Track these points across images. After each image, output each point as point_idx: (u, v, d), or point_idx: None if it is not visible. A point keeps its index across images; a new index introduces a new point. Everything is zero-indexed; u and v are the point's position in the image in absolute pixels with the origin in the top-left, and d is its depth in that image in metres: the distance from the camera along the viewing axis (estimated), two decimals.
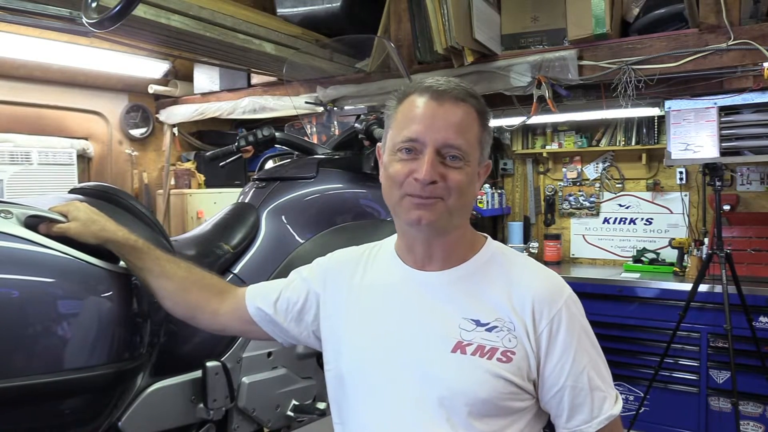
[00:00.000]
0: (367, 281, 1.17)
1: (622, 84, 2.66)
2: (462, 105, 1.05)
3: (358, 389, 1.11)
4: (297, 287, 1.26)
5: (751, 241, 3.61)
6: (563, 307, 1.04)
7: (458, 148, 1.04)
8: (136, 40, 3.16)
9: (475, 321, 1.04)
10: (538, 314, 1.03)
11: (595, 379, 1.04)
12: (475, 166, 1.07)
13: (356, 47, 3.33)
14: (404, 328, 1.08)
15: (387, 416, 1.06)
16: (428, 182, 1.02)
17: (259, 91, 3.86)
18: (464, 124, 1.05)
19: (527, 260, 1.14)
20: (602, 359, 1.08)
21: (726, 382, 3.27)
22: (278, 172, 2.08)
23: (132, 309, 1.27)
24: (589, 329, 1.08)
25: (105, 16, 1.46)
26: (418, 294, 1.10)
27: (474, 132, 1.06)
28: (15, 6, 2.31)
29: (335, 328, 1.18)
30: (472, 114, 1.06)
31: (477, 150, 1.07)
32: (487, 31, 2.90)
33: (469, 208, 1.11)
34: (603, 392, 1.05)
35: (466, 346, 1.02)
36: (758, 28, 2.45)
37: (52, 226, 1.19)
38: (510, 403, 1.02)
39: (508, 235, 4.57)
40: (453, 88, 1.06)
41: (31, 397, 1.10)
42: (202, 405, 1.54)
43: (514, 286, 1.06)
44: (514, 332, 1.03)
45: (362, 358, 1.11)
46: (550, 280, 1.09)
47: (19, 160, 3.54)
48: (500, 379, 1.00)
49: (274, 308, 1.25)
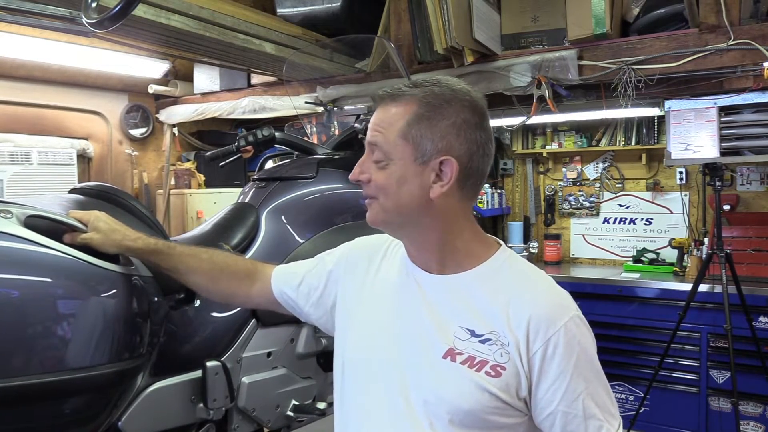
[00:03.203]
0: (381, 274, 1.18)
1: (622, 84, 2.66)
2: (393, 104, 1.03)
3: (354, 378, 1.13)
4: (319, 272, 1.27)
5: (751, 241, 3.60)
6: (562, 328, 0.98)
7: (376, 145, 1.03)
8: (136, 40, 3.16)
9: (471, 331, 1.02)
10: (533, 334, 0.98)
11: (591, 407, 0.99)
12: (406, 164, 1.02)
13: (356, 47, 3.33)
14: (401, 327, 1.08)
15: (375, 410, 1.07)
16: (355, 181, 1.07)
17: (259, 91, 3.86)
18: (386, 121, 1.03)
19: (537, 276, 1.08)
20: (603, 386, 1.02)
21: (726, 382, 3.27)
22: (278, 172, 2.08)
23: (132, 309, 1.27)
24: (591, 354, 1.01)
25: (105, 16, 1.46)
26: (421, 295, 1.09)
27: (396, 127, 1.02)
28: (15, 6, 2.31)
29: (346, 315, 1.19)
30: (401, 110, 1.02)
31: (402, 146, 1.02)
32: (487, 31, 2.90)
33: (414, 208, 1.03)
34: (599, 421, 0.99)
35: (457, 354, 1.01)
36: (758, 28, 2.45)
37: (76, 236, 1.21)
38: (495, 418, 0.99)
39: (508, 235, 4.57)
40: (397, 88, 1.04)
41: (31, 396, 1.10)
42: (202, 405, 1.54)
43: (514, 301, 1.02)
44: (507, 348, 0.99)
45: (363, 349, 1.13)
46: (554, 299, 1.03)
47: (19, 160, 3.54)
48: (485, 392, 0.98)
49: (297, 292, 1.28)
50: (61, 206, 1.36)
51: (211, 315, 1.64)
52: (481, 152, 1.04)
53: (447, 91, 1.03)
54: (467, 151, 1.03)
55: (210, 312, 1.64)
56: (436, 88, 1.03)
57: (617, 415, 1.02)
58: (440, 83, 1.04)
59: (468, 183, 1.05)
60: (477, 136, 1.03)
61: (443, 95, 1.02)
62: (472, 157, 1.03)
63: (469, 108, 1.03)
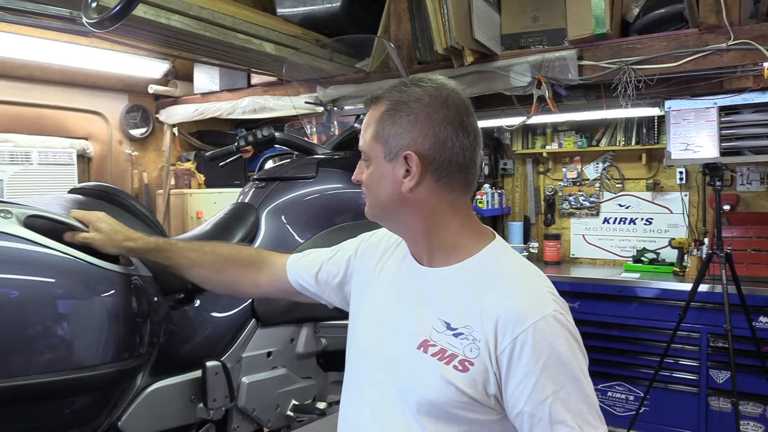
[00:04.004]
0: (387, 266, 1.21)
1: (622, 84, 2.66)
2: (372, 106, 1.10)
3: (354, 363, 1.18)
4: (338, 260, 1.31)
5: (751, 241, 3.60)
6: (531, 327, 0.95)
7: (362, 149, 1.11)
8: (136, 40, 3.16)
9: (447, 323, 1.03)
10: (501, 331, 0.97)
11: (560, 412, 0.94)
12: (380, 162, 1.07)
13: (356, 47, 3.33)
14: (391, 315, 1.12)
15: (359, 395, 1.13)
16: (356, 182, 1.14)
17: (259, 91, 3.86)
18: (366, 124, 1.10)
19: (519, 272, 1.06)
20: (580, 392, 0.96)
21: (726, 382, 3.27)
22: (278, 172, 2.08)
23: (132, 309, 1.27)
24: (566, 357, 0.96)
25: (105, 16, 1.46)
26: (413, 286, 1.12)
27: (371, 130, 1.08)
28: (15, 6, 2.31)
29: (356, 305, 1.23)
30: (374, 113, 1.08)
31: (375, 146, 1.08)
32: (487, 31, 2.90)
33: (392, 203, 1.07)
34: (569, 428, 0.94)
35: (430, 346, 1.03)
36: (758, 28, 2.45)
37: (77, 235, 1.22)
38: (462, 412, 0.99)
39: (508, 235, 4.57)
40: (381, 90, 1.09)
41: (31, 396, 1.10)
42: (202, 405, 1.54)
43: (488, 297, 1.01)
44: (477, 343, 0.98)
45: (362, 335, 1.17)
46: (529, 296, 1.00)
47: (19, 160, 3.54)
48: (451, 386, 0.98)
49: (316, 280, 1.31)
50: (61, 206, 1.36)
51: (211, 315, 1.65)
52: (450, 145, 1.03)
53: (417, 90, 1.05)
54: (432, 145, 1.03)
55: (210, 312, 1.64)
56: (410, 88, 1.06)
57: (597, 425, 0.96)
58: (420, 82, 1.06)
59: (443, 176, 1.05)
60: (442, 130, 1.03)
61: (412, 93, 1.05)
62: (439, 150, 1.03)
63: (438, 103, 1.04)
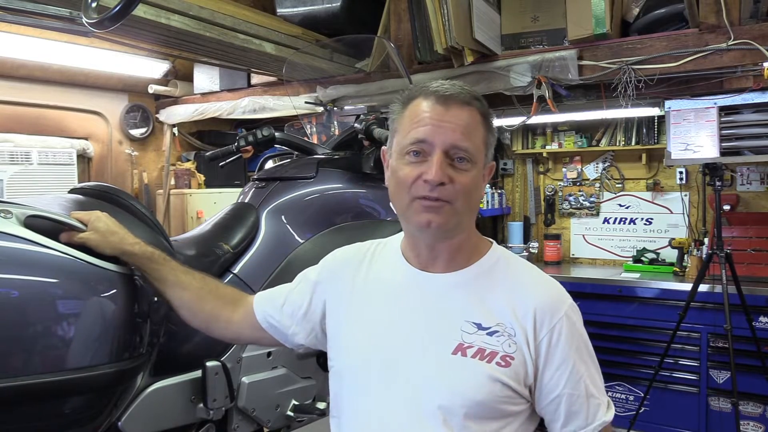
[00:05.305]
0: (371, 278, 1.18)
1: (622, 84, 2.66)
2: (467, 108, 1.07)
3: (354, 384, 1.12)
4: (302, 290, 1.27)
5: (751, 241, 3.60)
6: (564, 317, 1.06)
7: (465, 150, 1.04)
8: (136, 40, 3.16)
9: (477, 324, 1.05)
10: (539, 323, 1.05)
11: (590, 387, 1.08)
12: (480, 168, 1.09)
13: (356, 47, 3.33)
14: (405, 328, 1.09)
15: (380, 413, 1.07)
16: (437, 183, 1.02)
17: (259, 91, 3.86)
18: (471, 126, 1.06)
19: (531, 268, 1.16)
20: (596, 368, 1.11)
21: (726, 382, 3.27)
22: (278, 172, 2.08)
23: (132, 309, 1.27)
24: (586, 338, 1.10)
25: (105, 16, 1.46)
26: (420, 294, 1.10)
27: (480, 134, 1.08)
28: (15, 6, 2.31)
29: (339, 324, 1.19)
30: (477, 117, 1.07)
31: (483, 152, 1.09)
32: (487, 31, 2.90)
33: (475, 211, 1.12)
34: (597, 399, 1.08)
35: (467, 348, 1.04)
36: (758, 28, 2.45)
37: (74, 235, 1.21)
38: (505, 406, 1.04)
39: (508, 235, 4.57)
40: (458, 92, 1.07)
41: (31, 396, 1.10)
42: (201, 405, 1.54)
43: (517, 293, 1.08)
44: (514, 338, 1.04)
45: (361, 355, 1.12)
46: (553, 289, 1.11)
47: (19, 160, 3.54)
48: (497, 382, 1.02)
49: (281, 312, 1.28)
50: (61, 206, 1.35)
51: None
52: None
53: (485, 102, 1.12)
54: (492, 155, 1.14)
55: None
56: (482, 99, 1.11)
57: (605, 393, 1.12)
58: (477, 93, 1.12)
59: None
60: None
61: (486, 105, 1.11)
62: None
63: None
